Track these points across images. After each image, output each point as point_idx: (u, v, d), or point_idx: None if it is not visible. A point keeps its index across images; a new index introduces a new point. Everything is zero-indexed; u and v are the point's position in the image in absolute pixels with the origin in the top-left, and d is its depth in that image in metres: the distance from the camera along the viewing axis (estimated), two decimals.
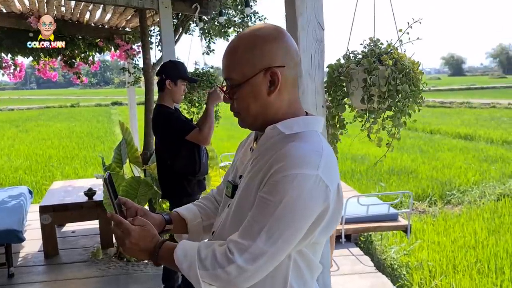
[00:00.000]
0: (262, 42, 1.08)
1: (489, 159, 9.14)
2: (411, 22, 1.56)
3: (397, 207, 5.43)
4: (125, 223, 1.11)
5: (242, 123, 1.17)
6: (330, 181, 1.03)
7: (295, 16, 1.54)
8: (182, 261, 1.05)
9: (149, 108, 3.89)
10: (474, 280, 3.74)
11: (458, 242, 4.67)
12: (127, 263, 3.86)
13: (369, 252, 4.29)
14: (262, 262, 1.00)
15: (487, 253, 4.32)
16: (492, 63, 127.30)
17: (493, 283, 3.70)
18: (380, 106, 1.53)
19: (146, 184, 3.57)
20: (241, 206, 1.11)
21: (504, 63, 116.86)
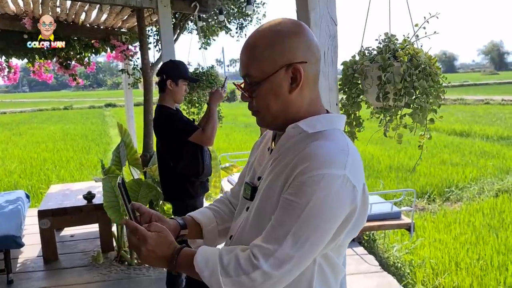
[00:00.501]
0: (283, 37, 1.03)
1: (486, 155, 9.16)
2: (427, 17, 1.52)
3: (397, 205, 5.41)
4: (141, 230, 1.05)
5: (261, 122, 1.12)
6: (357, 181, 0.98)
7: (307, 11, 1.49)
8: (203, 268, 0.99)
9: (148, 109, 3.84)
10: (477, 277, 3.72)
11: (459, 239, 4.66)
12: (128, 267, 3.80)
13: (372, 251, 4.26)
14: (288, 268, 0.95)
15: (489, 249, 4.30)
16: (484, 59, 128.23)
17: (496, 279, 3.68)
18: (396, 103, 1.49)
19: (147, 186, 3.51)
20: (262, 208, 1.06)
21: (495, 60, 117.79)
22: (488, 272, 3.83)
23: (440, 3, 59.34)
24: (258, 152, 1.25)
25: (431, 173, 7.62)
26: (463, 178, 7.28)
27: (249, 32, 4.93)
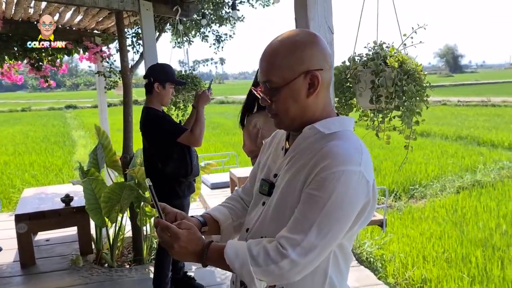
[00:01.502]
0: (302, 46, 1.13)
1: (446, 154, 9.60)
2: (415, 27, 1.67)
3: None
4: (172, 228, 1.13)
5: (280, 125, 1.22)
6: (370, 176, 1.10)
7: (307, 20, 1.61)
8: (234, 260, 1.08)
9: (128, 112, 3.85)
10: (443, 269, 3.94)
11: (425, 234, 4.90)
12: (110, 269, 3.80)
13: None
14: (313, 256, 1.06)
15: (453, 243, 4.56)
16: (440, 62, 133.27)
17: (460, 271, 3.91)
18: (387, 106, 1.63)
19: (130, 188, 3.53)
20: (283, 203, 1.16)
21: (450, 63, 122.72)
22: (453, 264, 4.07)
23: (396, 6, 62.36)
24: (270, 151, 1.36)
25: (396, 172, 7.91)
26: (426, 176, 7.61)
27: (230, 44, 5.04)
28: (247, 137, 2.66)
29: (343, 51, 1.92)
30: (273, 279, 1.07)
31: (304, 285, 1.15)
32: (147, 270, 3.79)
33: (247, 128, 2.64)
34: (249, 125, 2.62)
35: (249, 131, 2.62)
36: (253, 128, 2.58)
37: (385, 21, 1.81)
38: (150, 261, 3.95)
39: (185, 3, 3.82)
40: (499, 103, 22.32)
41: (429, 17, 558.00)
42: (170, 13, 3.84)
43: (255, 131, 2.57)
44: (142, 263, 3.90)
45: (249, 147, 2.70)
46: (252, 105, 2.70)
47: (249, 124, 2.62)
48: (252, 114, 2.68)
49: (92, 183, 3.68)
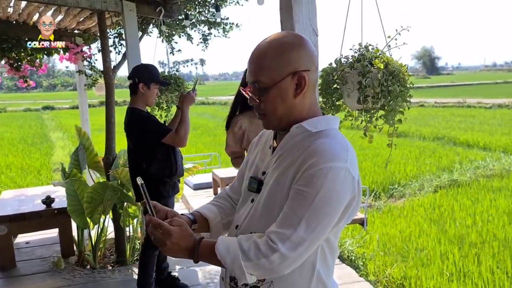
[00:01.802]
0: (290, 48, 1.18)
1: (424, 154, 9.80)
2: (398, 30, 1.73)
3: None
4: (165, 225, 1.15)
5: (268, 125, 1.26)
6: (355, 172, 1.15)
7: (292, 23, 1.65)
8: (225, 255, 1.11)
9: (110, 112, 3.83)
10: (423, 266, 4.03)
11: (404, 233, 5.00)
12: (92, 271, 3.78)
13: None
14: (302, 249, 1.09)
15: (431, 241, 4.67)
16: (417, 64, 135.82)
17: (439, 267, 4.01)
18: (374, 106, 1.68)
19: (113, 188, 3.52)
20: (271, 199, 1.20)
21: (427, 65, 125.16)
22: (431, 261, 4.17)
23: (371, 9, 63.34)
24: (257, 150, 1.39)
25: (375, 172, 8.04)
26: (405, 176, 7.75)
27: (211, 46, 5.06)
28: (231, 139, 2.68)
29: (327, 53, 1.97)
30: (264, 272, 1.11)
31: (292, 278, 1.19)
32: (130, 271, 3.78)
33: (232, 130, 2.66)
34: (234, 126, 2.64)
35: (234, 133, 2.64)
36: (239, 130, 2.60)
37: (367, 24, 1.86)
38: (133, 262, 3.94)
39: (169, 4, 3.83)
40: (474, 104, 22.87)
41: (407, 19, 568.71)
42: (153, 14, 3.84)
43: (241, 132, 2.59)
44: (125, 264, 3.89)
45: (233, 148, 2.72)
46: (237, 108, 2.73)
47: (234, 125, 2.64)
48: (236, 115, 2.71)
49: (74, 184, 3.65)
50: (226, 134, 2.80)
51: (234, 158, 2.77)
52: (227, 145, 2.75)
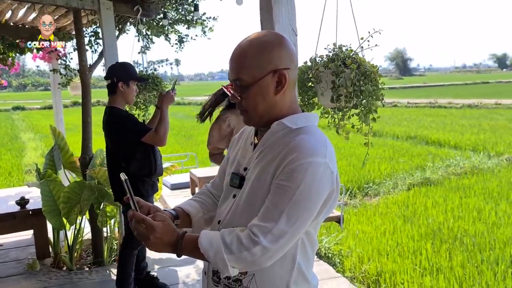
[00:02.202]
0: (271, 47, 1.21)
1: (397, 153, 10.02)
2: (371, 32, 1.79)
3: None
4: (148, 220, 1.16)
5: (249, 121, 1.29)
6: (334, 167, 1.19)
7: (272, 23, 1.69)
8: (208, 248, 1.13)
9: (86, 111, 3.79)
10: (397, 262, 4.14)
11: (379, 230, 5.11)
12: (69, 272, 3.73)
13: None
14: (283, 242, 1.13)
15: (405, 237, 4.79)
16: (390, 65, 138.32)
17: (413, 262, 4.12)
18: (347, 104, 1.74)
19: (90, 188, 3.49)
20: (253, 195, 1.23)
21: (400, 66, 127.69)
22: (405, 257, 4.28)
23: (345, 11, 64.53)
24: (238, 146, 1.42)
25: (350, 171, 8.18)
26: (379, 175, 7.91)
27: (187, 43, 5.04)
28: (217, 134, 2.67)
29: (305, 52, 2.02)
30: (246, 265, 1.13)
31: (274, 271, 1.22)
32: (108, 271, 3.74)
33: (219, 125, 2.65)
34: (222, 123, 2.62)
35: (221, 129, 2.63)
36: (227, 127, 2.60)
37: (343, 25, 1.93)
38: (110, 263, 3.91)
39: (146, 3, 3.82)
40: (445, 105, 23.52)
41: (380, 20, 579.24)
42: (131, 13, 3.82)
43: (229, 130, 2.59)
44: (103, 265, 3.85)
45: (216, 143, 2.72)
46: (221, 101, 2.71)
47: (222, 122, 2.63)
48: (223, 111, 2.70)
49: (50, 185, 3.60)
50: (210, 128, 2.77)
51: (213, 154, 2.76)
52: (211, 140, 2.72)
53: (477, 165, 8.40)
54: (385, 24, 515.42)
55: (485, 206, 5.80)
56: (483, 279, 3.66)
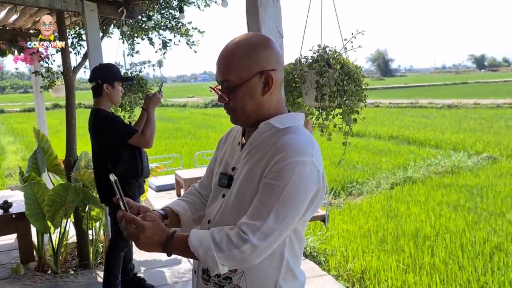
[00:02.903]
0: (258, 48, 1.24)
1: (380, 153, 10.16)
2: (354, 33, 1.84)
3: None
4: (138, 220, 1.18)
5: (237, 121, 1.31)
6: (320, 166, 1.23)
7: (258, 25, 1.73)
8: (198, 247, 1.16)
9: (71, 113, 3.77)
10: (381, 260, 4.21)
11: (363, 228, 5.19)
12: (54, 276, 3.70)
13: None
14: (272, 239, 1.16)
15: (388, 235, 4.87)
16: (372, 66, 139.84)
17: (396, 260, 4.20)
18: (330, 104, 1.78)
19: (75, 191, 3.47)
20: (242, 194, 1.25)
21: (381, 67, 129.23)
22: (389, 254, 4.36)
23: (327, 12, 64.93)
24: (226, 147, 1.45)
25: (334, 171, 8.26)
26: (362, 174, 8.02)
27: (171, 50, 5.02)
28: None
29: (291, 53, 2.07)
30: (236, 263, 1.16)
31: (262, 268, 1.25)
32: (94, 274, 3.73)
33: None
34: None
35: None
36: None
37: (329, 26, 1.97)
38: (96, 266, 3.89)
39: (130, 4, 3.82)
40: (426, 105, 23.90)
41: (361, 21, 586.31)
42: (115, 15, 3.81)
43: None
44: (89, 268, 3.83)
45: None
46: None
47: None
48: None
49: (34, 188, 3.56)
50: None
51: None
52: None
53: (458, 164, 8.58)
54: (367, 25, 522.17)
55: (465, 204, 5.93)
56: (464, 275, 3.76)
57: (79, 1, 3.44)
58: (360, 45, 1.86)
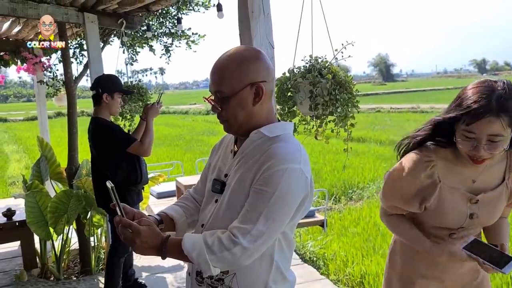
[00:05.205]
0: (249, 61, 1.30)
1: (381, 158, 10.19)
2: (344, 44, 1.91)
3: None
4: (134, 225, 1.24)
5: (229, 130, 1.38)
6: (308, 172, 1.29)
7: (250, 37, 1.80)
8: (191, 250, 1.22)
9: (72, 122, 3.85)
10: (380, 264, 4.25)
11: (363, 233, 5.23)
12: (57, 282, 3.75)
13: None
14: (261, 242, 1.22)
15: (388, 240, 4.90)
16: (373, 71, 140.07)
17: None
18: (324, 112, 1.85)
19: (77, 197, 3.53)
20: (234, 198, 1.31)
21: (383, 72, 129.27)
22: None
23: (332, 17, 66.26)
24: (219, 154, 1.51)
25: (335, 176, 8.31)
26: (363, 179, 8.06)
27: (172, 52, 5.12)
28: (407, 182, 1.62)
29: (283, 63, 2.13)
30: (227, 264, 1.22)
31: (253, 269, 1.31)
32: (96, 280, 3.78)
33: (413, 171, 1.61)
34: (421, 168, 1.60)
35: (416, 175, 1.60)
36: (426, 178, 1.58)
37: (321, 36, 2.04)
38: (98, 272, 3.94)
39: (130, 16, 3.91)
40: (427, 109, 23.92)
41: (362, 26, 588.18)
42: (115, 26, 3.89)
43: (428, 182, 1.59)
44: (91, 274, 3.89)
45: (401, 201, 1.66)
46: None
47: (420, 166, 1.59)
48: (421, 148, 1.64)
49: (36, 196, 3.63)
50: (393, 171, 1.64)
51: (389, 214, 1.73)
52: (391, 193, 1.66)
53: None
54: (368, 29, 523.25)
55: None
56: None
57: (80, 13, 3.54)
58: (350, 55, 1.93)
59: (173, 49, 4.92)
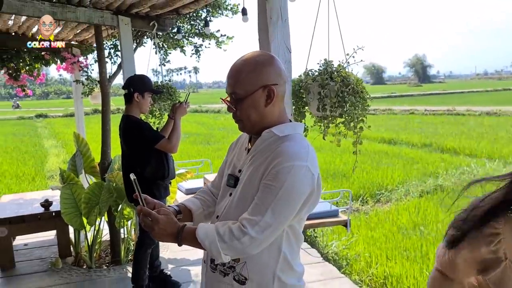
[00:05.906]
0: (262, 65, 1.41)
1: (411, 161, 10.05)
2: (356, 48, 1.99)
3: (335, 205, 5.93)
4: (153, 214, 1.37)
5: (243, 129, 1.49)
6: (314, 170, 1.38)
7: (268, 42, 1.90)
8: (204, 238, 1.33)
9: (106, 120, 4.05)
10: (405, 266, 4.26)
11: (389, 235, 5.23)
12: (89, 270, 3.97)
13: (314, 246, 4.71)
14: (268, 233, 1.32)
15: (414, 242, 4.89)
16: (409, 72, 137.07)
17: (420, 267, 4.23)
18: (332, 113, 1.94)
19: (108, 190, 3.73)
20: (245, 193, 1.42)
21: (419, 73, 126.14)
22: (413, 261, 4.39)
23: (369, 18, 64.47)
24: (235, 151, 1.62)
25: (363, 178, 8.28)
26: (392, 182, 7.99)
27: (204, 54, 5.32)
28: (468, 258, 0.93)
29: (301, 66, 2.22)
30: (237, 253, 1.33)
31: (262, 258, 1.41)
32: (125, 270, 3.97)
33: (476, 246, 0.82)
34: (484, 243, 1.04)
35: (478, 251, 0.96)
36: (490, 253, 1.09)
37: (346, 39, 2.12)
38: (127, 262, 4.14)
39: (161, 18, 4.08)
40: (463, 112, 23.27)
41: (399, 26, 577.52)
42: (147, 28, 4.08)
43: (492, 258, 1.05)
44: (120, 264, 4.08)
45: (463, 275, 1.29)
46: None
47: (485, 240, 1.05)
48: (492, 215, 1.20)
49: (72, 188, 3.85)
50: None
51: None
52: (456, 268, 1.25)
53: (492, 173, 8.40)
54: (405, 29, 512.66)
55: None
56: None
57: (115, 16, 3.73)
58: (362, 59, 2.00)
59: (203, 49, 5.10)
